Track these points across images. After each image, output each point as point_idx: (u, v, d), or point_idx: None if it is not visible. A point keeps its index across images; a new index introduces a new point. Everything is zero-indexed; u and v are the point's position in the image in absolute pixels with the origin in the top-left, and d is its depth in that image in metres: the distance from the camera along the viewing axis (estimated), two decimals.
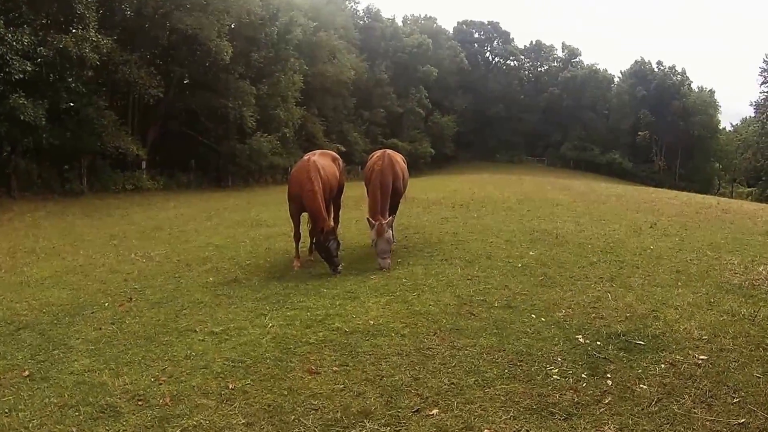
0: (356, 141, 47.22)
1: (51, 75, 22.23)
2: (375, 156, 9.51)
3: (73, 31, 21.86)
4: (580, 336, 5.02)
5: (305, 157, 8.82)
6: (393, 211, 9.27)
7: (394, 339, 5.10)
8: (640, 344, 4.82)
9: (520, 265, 7.66)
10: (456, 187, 23.84)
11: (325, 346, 5.01)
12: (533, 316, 5.59)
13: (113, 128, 25.58)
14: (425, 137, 59.41)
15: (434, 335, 5.16)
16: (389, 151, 9.70)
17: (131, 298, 7.10)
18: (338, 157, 9.89)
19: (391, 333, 5.23)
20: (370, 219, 8.22)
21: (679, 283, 6.71)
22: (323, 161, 8.94)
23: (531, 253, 8.46)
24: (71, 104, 23.28)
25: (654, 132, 65.70)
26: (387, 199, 8.65)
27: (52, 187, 23.79)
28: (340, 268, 7.74)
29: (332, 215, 9.50)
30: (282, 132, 33.71)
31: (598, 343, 4.88)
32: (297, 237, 8.81)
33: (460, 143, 67.81)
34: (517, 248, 8.87)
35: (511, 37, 78.07)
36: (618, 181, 49.81)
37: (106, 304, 6.88)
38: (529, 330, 5.21)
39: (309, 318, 5.74)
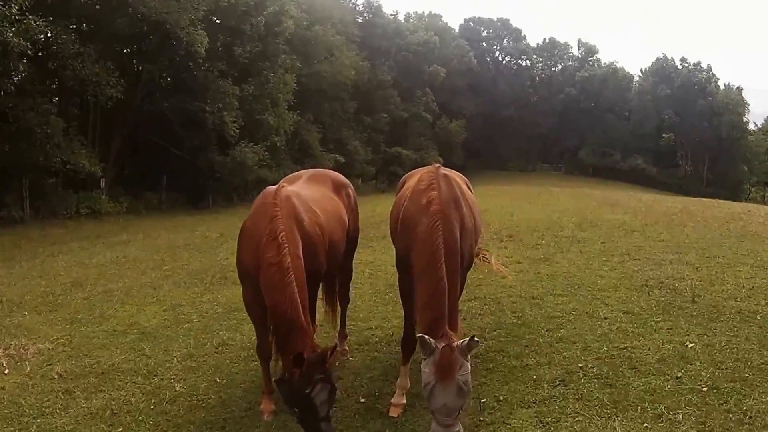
0: (356, 150, 42.18)
1: None
2: (419, 178, 4.73)
3: None
4: None
5: (273, 188, 4.54)
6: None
7: None
8: None
9: (705, 389, 4.44)
10: (485, 205, 19.44)
11: None
12: None
13: (61, 138, 20.76)
14: (432, 145, 54.32)
15: None
16: (445, 170, 4.84)
17: None
18: (346, 182, 5.72)
19: None
20: (426, 336, 3.73)
21: None
22: (312, 192, 4.96)
23: (689, 344, 5.27)
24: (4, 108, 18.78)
25: (679, 134, 60.82)
26: (456, 280, 4.19)
27: None
28: None
29: (337, 293, 5.63)
30: (271, 141, 28.69)
31: None
32: (264, 353, 4.61)
33: (469, 150, 62.44)
34: (655, 330, 5.70)
35: (522, 34, 73.19)
36: (648, 190, 45.57)
37: None
38: None
39: None
